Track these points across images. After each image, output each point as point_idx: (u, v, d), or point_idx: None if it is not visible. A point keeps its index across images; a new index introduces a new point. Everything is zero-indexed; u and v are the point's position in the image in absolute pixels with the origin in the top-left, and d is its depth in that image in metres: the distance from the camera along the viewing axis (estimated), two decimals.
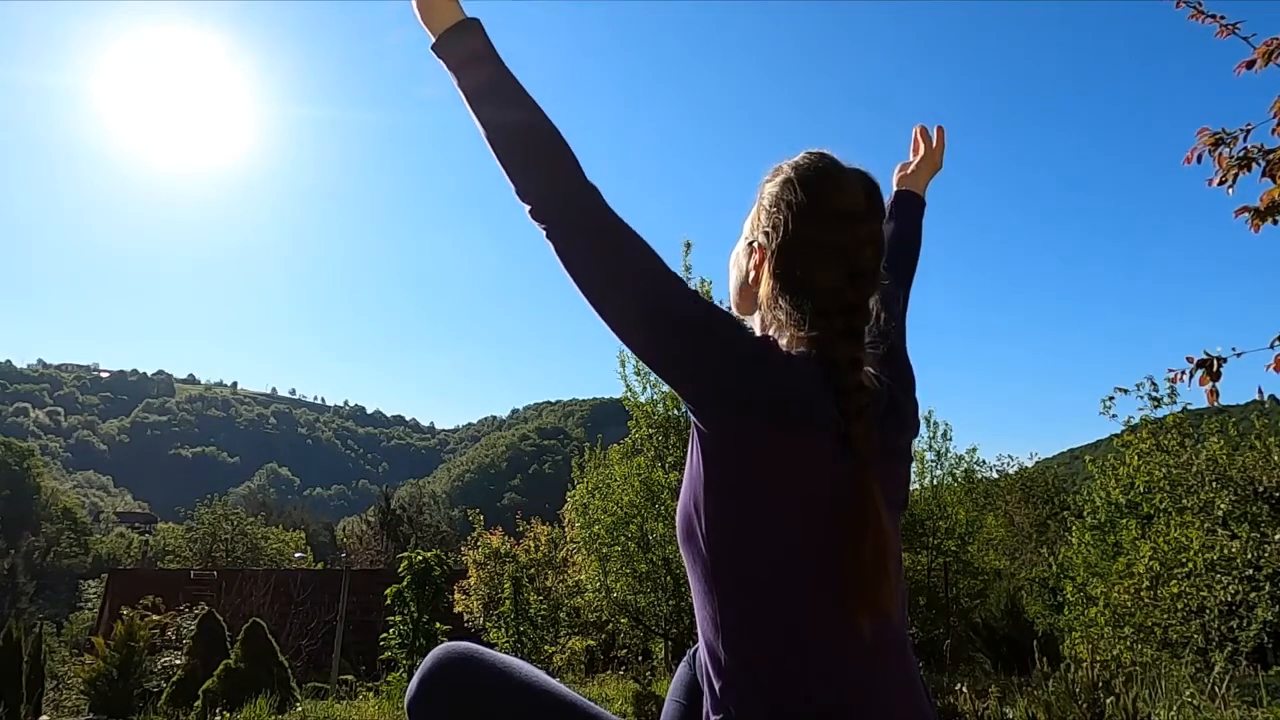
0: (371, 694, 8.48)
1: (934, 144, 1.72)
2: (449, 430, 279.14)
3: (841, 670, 0.99)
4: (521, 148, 1.07)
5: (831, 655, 0.99)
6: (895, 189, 1.70)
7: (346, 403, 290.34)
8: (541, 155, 1.06)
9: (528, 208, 1.06)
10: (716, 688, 1.02)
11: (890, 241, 1.54)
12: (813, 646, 0.99)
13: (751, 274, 1.20)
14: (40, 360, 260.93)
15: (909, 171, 1.72)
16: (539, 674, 1.16)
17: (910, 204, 1.67)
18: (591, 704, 1.16)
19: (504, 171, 1.07)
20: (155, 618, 13.50)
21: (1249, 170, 2.39)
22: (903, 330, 1.43)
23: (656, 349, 1.05)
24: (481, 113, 1.08)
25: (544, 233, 1.05)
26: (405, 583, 12.91)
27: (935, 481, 15.41)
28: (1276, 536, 8.01)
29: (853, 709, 0.98)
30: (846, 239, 1.12)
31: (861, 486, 1.00)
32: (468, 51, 1.09)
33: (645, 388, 10.42)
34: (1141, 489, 9.94)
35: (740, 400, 0.99)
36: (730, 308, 1.26)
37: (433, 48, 1.10)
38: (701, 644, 1.07)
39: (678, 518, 1.08)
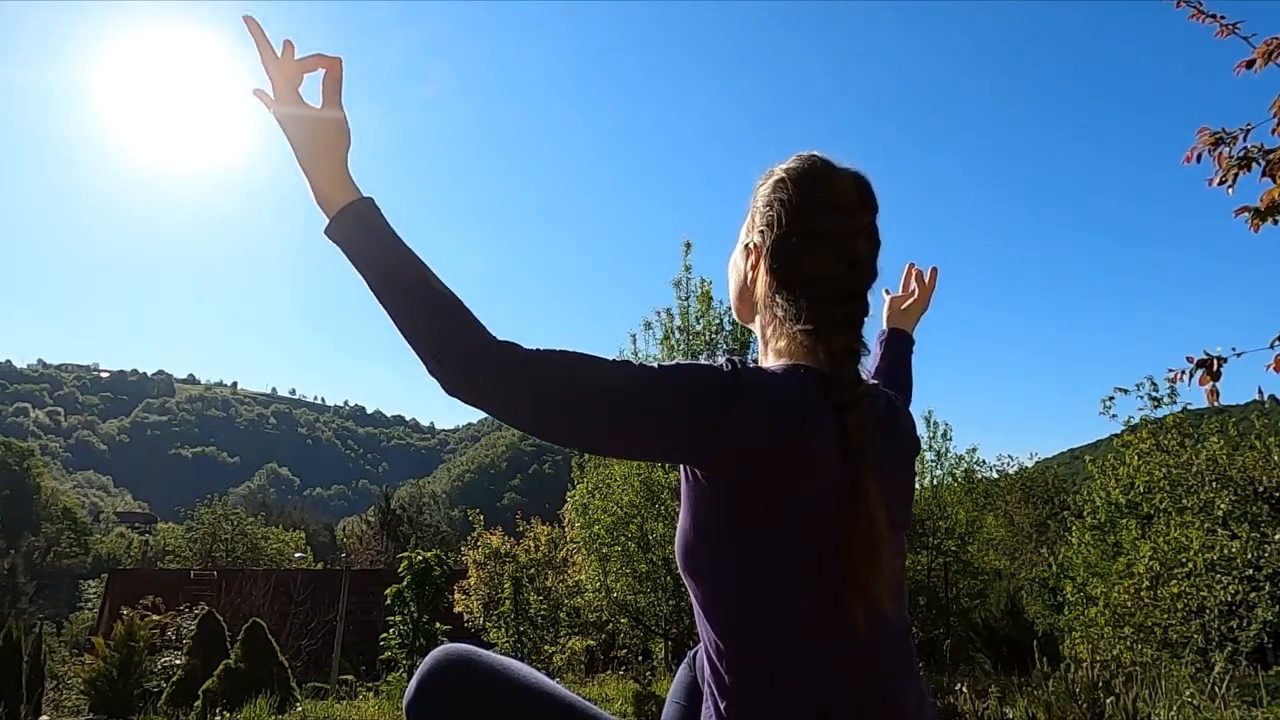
0: (371, 694, 8.48)
1: (926, 285, 1.77)
2: (449, 430, 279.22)
3: (840, 669, 1.00)
4: (425, 329, 1.04)
5: (830, 655, 0.99)
6: (885, 327, 1.76)
7: (346, 403, 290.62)
8: (443, 334, 1.02)
9: (437, 382, 1.03)
10: (722, 706, 1.02)
11: (883, 380, 1.58)
12: (811, 647, 0.99)
13: (749, 275, 1.21)
14: (40, 360, 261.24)
15: (901, 309, 1.77)
16: (537, 675, 1.16)
17: (901, 343, 1.73)
18: (590, 704, 1.16)
19: (411, 349, 1.05)
20: (155, 618, 13.50)
21: (1249, 170, 2.40)
22: None
23: (635, 446, 1.04)
24: (380, 296, 1.06)
25: (469, 402, 1.02)
26: (405, 583, 12.91)
27: (935, 481, 15.41)
28: (1276, 536, 8.01)
29: (852, 708, 0.98)
30: (840, 228, 1.14)
31: (856, 484, 1.00)
32: (360, 236, 1.07)
33: None
34: (1141, 489, 9.94)
35: (727, 441, 0.98)
36: (731, 312, 1.27)
37: (325, 232, 1.08)
38: (703, 654, 1.07)
39: (677, 548, 1.07)
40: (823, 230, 1.13)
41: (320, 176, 1.10)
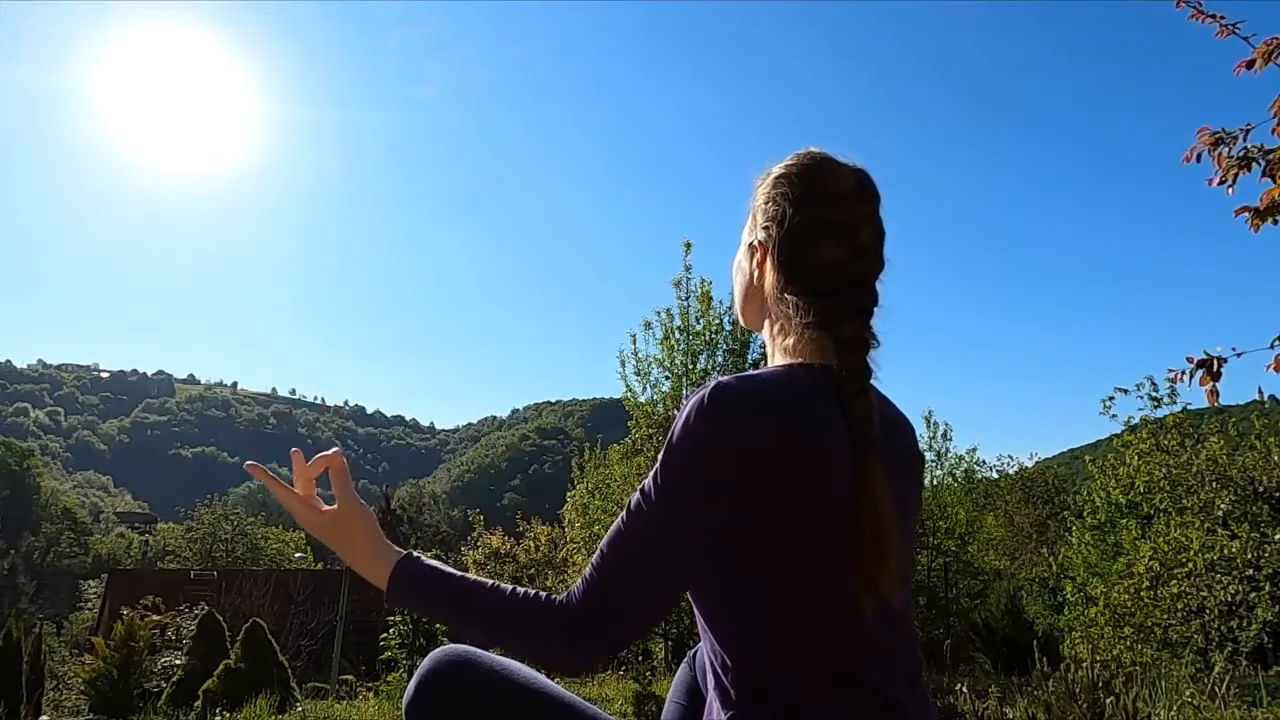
0: (371, 694, 8.47)
1: None
2: (449, 430, 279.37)
3: (840, 673, 0.99)
4: (509, 642, 1.08)
5: (831, 662, 0.99)
6: None
7: (346, 403, 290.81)
8: (527, 640, 1.06)
9: (560, 667, 1.08)
10: (725, 716, 1.01)
11: None
12: (812, 652, 0.99)
13: (755, 273, 1.20)
14: (40, 360, 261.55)
15: None
16: (537, 676, 1.16)
17: None
18: (590, 705, 1.16)
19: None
20: (155, 618, 13.49)
21: (1249, 170, 2.40)
22: None
23: (717, 542, 1.01)
24: (456, 629, 1.11)
25: (605, 659, 1.06)
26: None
27: (935, 481, 15.42)
28: (1276, 536, 8.02)
29: (853, 714, 0.98)
30: (845, 217, 1.13)
31: (862, 479, 0.99)
32: (413, 598, 1.14)
33: (645, 388, 10.41)
34: (1141, 489, 9.94)
35: (733, 459, 0.97)
36: (731, 312, 1.27)
37: (386, 602, 1.16)
38: (704, 658, 1.07)
39: None
40: (827, 220, 1.13)
41: (358, 562, 1.18)
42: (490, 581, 1.09)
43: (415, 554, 1.16)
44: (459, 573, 1.12)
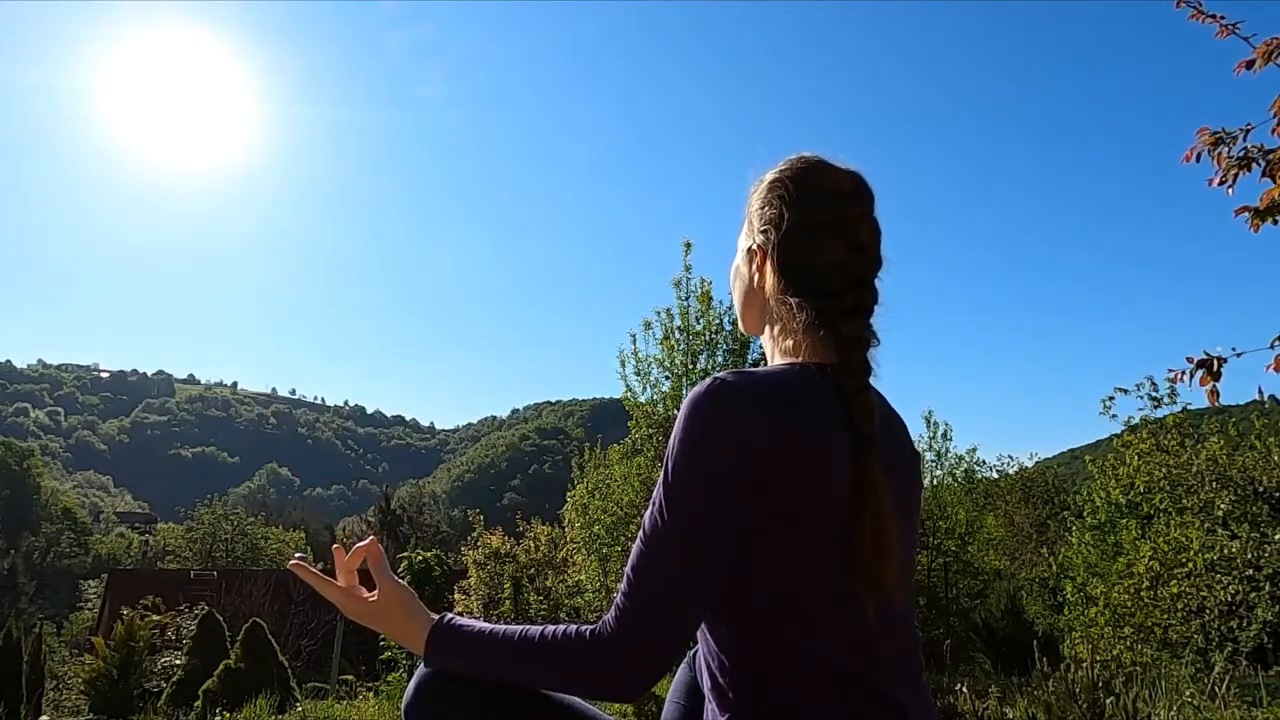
0: (371, 694, 8.47)
1: None
2: (449, 430, 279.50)
3: (840, 674, 0.99)
4: (555, 685, 1.09)
5: (830, 666, 0.99)
6: None
7: (346, 403, 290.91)
8: (572, 679, 1.06)
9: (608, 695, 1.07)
10: (724, 717, 1.01)
11: None
12: (812, 654, 0.98)
13: (754, 277, 1.20)
14: (40, 360, 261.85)
15: None
16: None
17: None
18: (589, 705, 1.16)
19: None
20: (155, 618, 13.50)
21: (1249, 170, 2.39)
22: None
23: (730, 537, 1.00)
24: (500, 679, 1.10)
25: (652, 686, 1.03)
26: (405, 583, 12.90)
27: (935, 481, 15.41)
28: (1276, 536, 8.01)
29: (853, 716, 0.98)
30: (843, 216, 1.14)
31: (864, 478, 0.99)
32: (450, 660, 1.12)
33: (645, 388, 10.40)
34: (1141, 489, 9.92)
35: (739, 459, 0.97)
36: (731, 311, 1.26)
37: (426, 665, 1.16)
38: (703, 660, 1.07)
39: None
40: (826, 220, 1.13)
41: (403, 639, 1.21)
42: (521, 628, 1.08)
43: (449, 616, 1.15)
44: (491, 626, 1.11)
